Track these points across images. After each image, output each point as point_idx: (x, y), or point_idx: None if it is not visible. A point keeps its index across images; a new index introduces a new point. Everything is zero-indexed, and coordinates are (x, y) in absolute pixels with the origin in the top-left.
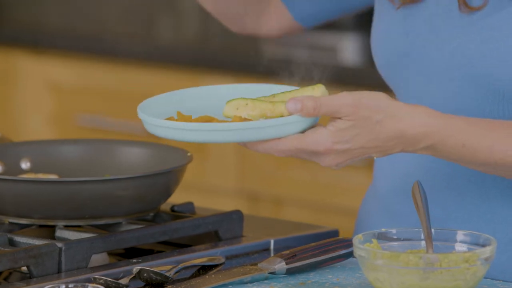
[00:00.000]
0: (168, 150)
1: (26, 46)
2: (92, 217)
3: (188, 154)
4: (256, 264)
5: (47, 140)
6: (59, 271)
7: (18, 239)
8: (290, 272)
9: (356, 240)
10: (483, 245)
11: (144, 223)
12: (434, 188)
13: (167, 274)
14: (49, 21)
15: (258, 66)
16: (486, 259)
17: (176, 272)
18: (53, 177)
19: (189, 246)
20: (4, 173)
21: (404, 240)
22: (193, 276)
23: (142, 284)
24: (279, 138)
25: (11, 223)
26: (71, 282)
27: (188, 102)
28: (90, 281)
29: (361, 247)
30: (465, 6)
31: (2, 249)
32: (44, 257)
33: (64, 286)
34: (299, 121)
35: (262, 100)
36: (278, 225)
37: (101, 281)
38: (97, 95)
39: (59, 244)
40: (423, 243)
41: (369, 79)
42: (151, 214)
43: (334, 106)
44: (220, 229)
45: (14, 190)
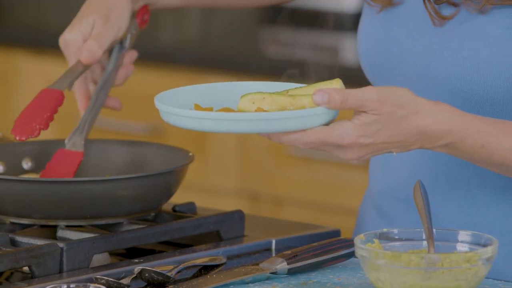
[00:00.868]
0: (170, 150)
1: (27, 46)
2: (94, 217)
3: (190, 154)
4: (258, 264)
5: (48, 140)
6: (61, 271)
7: (20, 239)
8: (292, 272)
9: (358, 240)
10: (485, 245)
11: (146, 223)
12: None
13: (169, 274)
14: (50, 21)
15: (259, 66)
16: (488, 259)
17: (178, 272)
18: (54, 178)
19: (191, 246)
20: (5, 173)
21: (406, 240)
22: (195, 276)
23: (144, 284)
24: (304, 130)
25: (13, 223)
26: (73, 282)
27: (202, 97)
28: (92, 281)
29: (363, 247)
30: (438, 17)
31: (4, 249)
32: (46, 257)
33: (66, 286)
34: (324, 113)
35: (280, 94)
36: (280, 225)
37: (103, 281)
38: None
39: (61, 244)
40: (425, 243)
41: None
42: (153, 214)
43: (360, 101)
44: (222, 229)
45: (16, 190)
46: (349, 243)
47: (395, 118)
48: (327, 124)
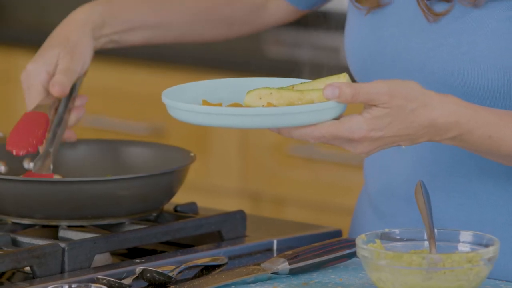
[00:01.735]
0: (171, 150)
1: (28, 46)
2: (95, 217)
3: (191, 154)
4: (259, 264)
5: None
6: (62, 271)
7: (21, 239)
8: (293, 272)
9: (359, 241)
10: (486, 245)
11: (147, 223)
12: None
13: (170, 274)
14: (51, 21)
15: (260, 66)
16: (489, 260)
17: (179, 272)
18: (56, 177)
19: (192, 246)
20: (7, 173)
21: (407, 241)
22: (196, 276)
23: (145, 284)
24: (315, 125)
25: (14, 223)
26: (74, 282)
27: (209, 93)
28: (93, 281)
29: (364, 247)
30: (431, 14)
31: (5, 249)
32: (47, 257)
33: (67, 286)
34: (335, 107)
35: (287, 89)
36: (281, 225)
37: (104, 281)
38: (99, 95)
39: (62, 244)
40: (426, 244)
41: None
42: (154, 214)
43: (370, 94)
44: (223, 229)
45: (17, 190)
46: (351, 243)
47: (405, 112)
48: (337, 119)
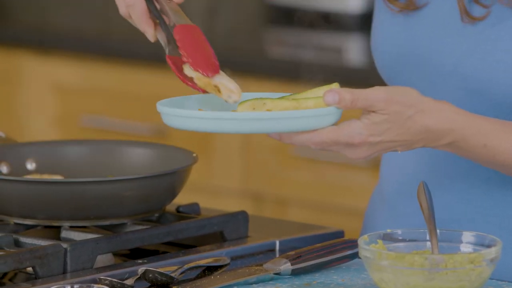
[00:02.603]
0: (174, 151)
1: (31, 47)
2: (97, 218)
3: (193, 155)
4: (261, 265)
5: (52, 141)
6: (65, 272)
7: (24, 240)
8: (295, 273)
9: (362, 241)
10: (489, 246)
11: (149, 224)
12: (439, 189)
13: (172, 275)
14: (54, 22)
15: (263, 67)
16: (492, 260)
17: (181, 273)
18: (58, 178)
19: (194, 247)
20: (9, 174)
21: (410, 241)
22: (198, 277)
23: (147, 285)
24: (315, 130)
25: (16, 224)
26: (77, 283)
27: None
28: (96, 282)
29: (367, 248)
30: (467, 16)
31: (8, 250)
32: (50, 258)
33: (69, 287)
34: (335, 113)
35: (282, 99)
36: (283, 226)
37: (106, 282)
38: (102, 96)
39: (65, 245)
40: (429, 244)
41: (374, 80)
42: (156, 215)
43: (369, 100)
44: (225, 230)
45: (19, 191)
46: (353, 244)
47: (402, 118)
48: (335, 124)
